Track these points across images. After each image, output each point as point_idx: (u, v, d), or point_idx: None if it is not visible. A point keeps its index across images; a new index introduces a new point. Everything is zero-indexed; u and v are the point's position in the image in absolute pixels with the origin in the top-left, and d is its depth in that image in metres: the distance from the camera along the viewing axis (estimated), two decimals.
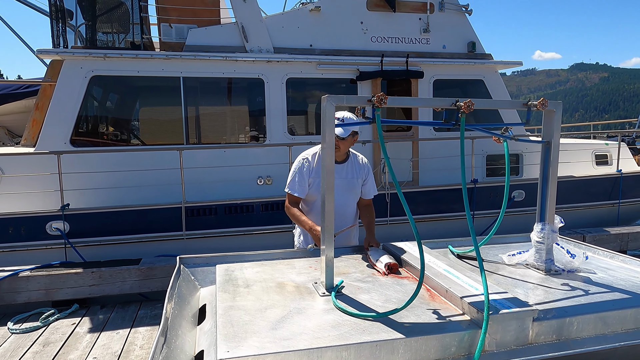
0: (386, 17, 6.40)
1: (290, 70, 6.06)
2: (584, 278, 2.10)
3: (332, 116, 1.82)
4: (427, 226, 6.04)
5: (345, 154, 2.77)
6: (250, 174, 5.85)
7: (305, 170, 2.75)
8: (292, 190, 2.78)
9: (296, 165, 2.80)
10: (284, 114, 6.06)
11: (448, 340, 1.55)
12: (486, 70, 6.75)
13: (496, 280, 2.07)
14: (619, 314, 1.75)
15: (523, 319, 1.62)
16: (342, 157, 2.76)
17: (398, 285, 2.01)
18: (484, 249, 2.64)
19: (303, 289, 1.94)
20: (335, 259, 2.37)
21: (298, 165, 2.79)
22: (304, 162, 2.77)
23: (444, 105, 1.90)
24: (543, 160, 2.17)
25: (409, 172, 6.29)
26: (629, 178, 7.34)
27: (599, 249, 2.61)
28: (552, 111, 2.10)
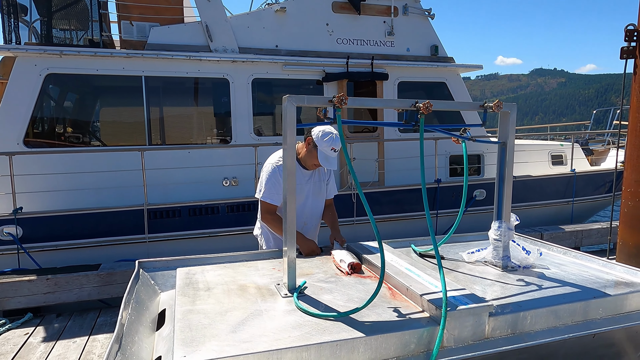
0: (351, 20, 6.46)
1: (255, 70, 6.01)
2: (538, 274, 2.18)
3: (294, 117, 1.82)
4: (393, 226, 6.13)
5: None
6: (216, 175, 5.76)
7: (280, 175, 2.66)
8: (268, 199, 2.63)
9: (269, 172, 2.64)
10: (250, 115, 6.00)
11: (407, 337, 1.57)
12: (448, 73, 6.93)
13: (455, 277, 2.12)
14: (570, 307, 1.83)
15: (480, 315, 1.66)
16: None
17: (360, 284, 2.02)
18: (446, 247, 2.70)
19: (265, 291, 1.92)
20: (299, 260, 2.37)
21: (271, 172, 2.63)
22: (276, 168, 2.63)
23: (404, 106, 1.93)
24: (499, 160, 2.24)
25: (375, 172, 6.37)
26: (582, 177, 7.71)
27: (553, 246, 2.72)
28: (507, 113, 2.17)
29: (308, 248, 2.55)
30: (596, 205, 8.20)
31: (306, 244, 2.57)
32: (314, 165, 2.67)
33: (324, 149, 2.54)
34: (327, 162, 2.56)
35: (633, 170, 3.50)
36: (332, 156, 2.56)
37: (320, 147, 2.55)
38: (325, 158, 2.55)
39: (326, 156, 2.56)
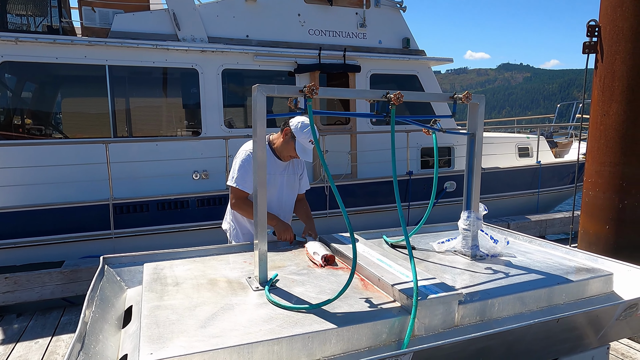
0: (323, 10, 6.41)
1: (226, 61, 5.88)
2: (505, 262, 2.24)
3: (263, 107, 1.78)
4: (366, 217, 6.18)
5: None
6: (186, 169, 5.63)
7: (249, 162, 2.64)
8: (240, 185, 2.59)
9: (243, 159, 2.61)
10: (221, 106, 5.88)
11: (379, 327, 1.58)
12: (420, 66, 7.00)
13: (426, 267, 2.15)
14: (535, 294, 1.89)
15: (449, 303, 1.69)
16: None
17: (333, 276, 2.01)
18: (417, 237, 2.73)
19: (236, 285, 1.89)
20: (271, 253, 2.35)
21: (244, 159, 2.60)
22: (250, 155, 2.57)
23: (375, 97, 1.92)
24: (468, 151, 2.27)
25: (347, 164, 6.39)
26: (547, 169, 7.99)
27: (519, 235, 2.79)
28: (475, 104, 2.20)
29: (284, 228, 2.53)
30: (560, 195, 8.52)
31: (282, 224, 2.57)
32: (289, 156, 2.63)
33: (302, 140, 2.51)
34: (304, 153, 2.53)
35: (593, 162, 3.63)
36: (310, 148, 2.53)
37: (298, 138, 2.52)
38: (303, 150, 2.53)
39: (304, 148, 2.53)
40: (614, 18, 3.41)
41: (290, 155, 2.63)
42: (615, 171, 3.44)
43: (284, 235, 2.53)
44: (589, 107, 3.82)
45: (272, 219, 2.56)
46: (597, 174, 3.59)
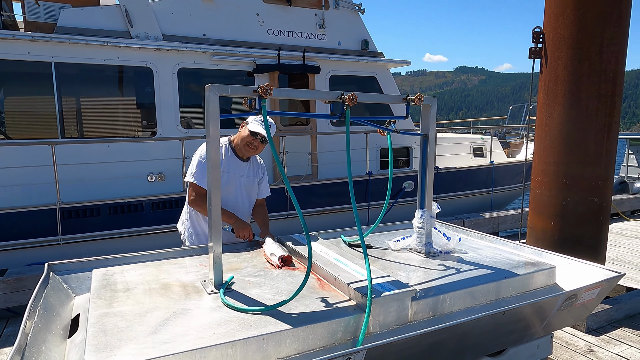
0: (282, 11, 6.39)
1: (182, 59, 5.74)
2: (457, 258, 2.32)
3: (217, 107, 1.75)
4: (327, 218, 6.21)
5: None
6: (140, 171, 5.44)
7: None
8: (199, 182, 2.54)
9: (202, 154, 2.57)
10: (177, 107, 5.73)
11: (334, 326, 1.59)
12: (379, 68, 7.12)
13: (382, 265, 2.19)
14: (484, 288, 1.97)
15: (403, 300, 1.72)
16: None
17: (290, 277, 2.01)
18: (374, 236, 2.77)
19: (190, 288, 1.85)
20: (227, 255, 2.32)
21: (204, 154, 2.56)
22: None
23: (330, 97, 1.94)
24: (422, 151, 2.34)
25: (308, 165, 6.40)
26: (500, 168, 8.35)
27: (471, 231, 2.90)
28: (428, 106, 2.26)
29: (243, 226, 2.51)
30: (512, 193, 8.93)
31: (241, 222, 2.55)
32: (246, 145, 2.57)
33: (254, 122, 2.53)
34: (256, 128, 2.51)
35: (540, 161, 3.83)
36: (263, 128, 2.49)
37: (250, 121, 2.54)
38: (254, 125, 2.51)
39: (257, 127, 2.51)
40: (557, 26, 3.61)
41: (247, 144, 2.56)
42: (558, 170, 3.64)
43: (242, 233, 2.51)
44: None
45: (230, 216, 2.55)
46: (543, 172, 3.78)
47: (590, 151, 3.49)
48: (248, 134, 2.54)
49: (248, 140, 2.56)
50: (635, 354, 2.99)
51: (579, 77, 3.49)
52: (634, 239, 6.07)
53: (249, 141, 2.56)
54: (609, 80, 3.45)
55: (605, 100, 3.46)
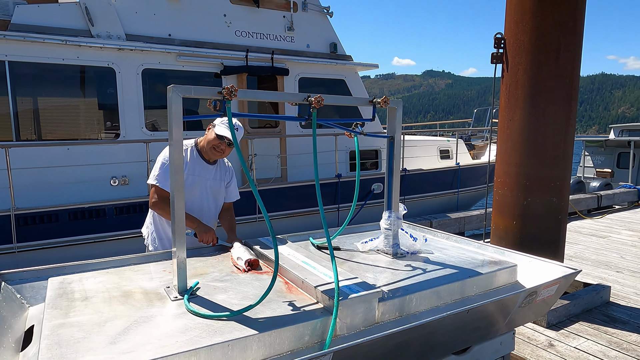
0: (250, 12, 6.35)
1: (146, 60, 5.59)
2: (424, 258, 2.35)
3: (179, 109, 1.71)
4: (297, 220, 6.19)
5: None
6: (103, 174, 5.25)
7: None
8: (162, 184, 2.47)
9: (166, 157, 2.51)
10: (141, 108, 5.58)
11: (302, 330, 1.58)
12: (347, 70, 7.17)
13: (350, 267, 2.19)
14: (449, 287, 2.00)
15: (370, 301, 1.73)
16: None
17: (257, 281, 1.98)
18: (343, 238, 2.78)
19: (153, 295, 1.79)
20: (193, 260, 2.27)
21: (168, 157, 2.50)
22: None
23: (297, 99, 1.93)
24: (388, 153, 2.36)
25: (277, 168, 6.36)
26: (465, 170, 8.57)
27: (437, 232, 2.95)
28: (394, 108, 2.29)
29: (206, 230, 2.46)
30: (478, 194, 9.19)
31: (204, 226, 2.50)
32: (213, 148, 2.52)
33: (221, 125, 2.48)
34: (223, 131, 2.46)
35: (502, 163, 3.95)
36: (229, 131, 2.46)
37: (217, 124, 2.49)
38: (221, 129, 2.46)
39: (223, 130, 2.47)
40: (517, 32, 3.74)
41: (214, 147, 2.52)
42: (520, 171, 3.76)
43: (205, 237, 2.46)
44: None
45: (193, 221, 2.50)
46: (505, 174, 3.90)
47: (548, 153, 3.63)
48: (214, 137, 2.49)
49: (214, 144, 2.52)
50: (592, 346, 3.12)
51: (537, 81, 3.62)
52: (591, 237, 6.36)
53: (215, 144, 2.52)
54: (566, 84, 3.60)
55: (562, 104, 3.61)
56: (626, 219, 7.66)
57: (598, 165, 16.09)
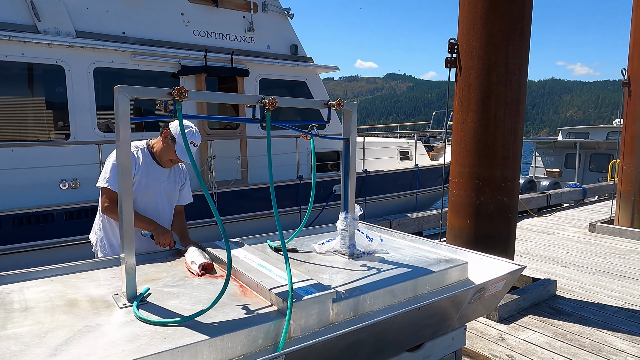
0: (209, 12, 6.24)
1: (98, 58, 5.37)
2: (379, 258, 2.39)
3: (127, 109, 1.66)
4: (258, 223, 6.14)
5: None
6: (51, 177, 4.99)
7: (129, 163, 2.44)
8: (113, 186, 2.39)
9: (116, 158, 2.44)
10: (93, 108, 5.35)
11: (255, 333, 1.57)
12: (308, 72, 7.19)
13: (306, 268, 2.20)
14: (402, 286, 2.05)
15: (324, 302, 1.74)
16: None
17: (211, 285, 1.95)
18: (301, 240, 2.78)
19: (100, 303, 1.73)
20: (145, 265, 2.21)
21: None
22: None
23: (251, 101, 1.92)
24: (344, 155, 2.39)
25: (238, 170, 6.29)
26: (424, 171, 8.80)
27: (393, 232, 3.01)
28: (349, 111, 2.32)
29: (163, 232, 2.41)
30: (436, 194, 9.45)
31: (161, 228, 2.45)
32: (169, 161, 2.52)
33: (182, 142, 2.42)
34: (184, 155, 2.43)
35: (456, 164, 4.08)
36: (192, 150, 2.45)
37: (178, 140, 2.42)
38: (184, 152, 2.43)
39: (184, 150, 2.42)
40: (469, 38, 3.89)
41: (171, 160, 2.51)
42: (472, 172, 3.91)
43: (163, 239, 2.40)
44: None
45: (151, 223, 2.45)
46: (459, 174, 4.04)
47: (498, 154, 3.79)
48: (174, 154, 2.45)
49: (173, 159, 2.50)
50: (539, 338, 3.28)
51: (488, 85, 3.78)
52: (540, 234, 6.69)
53: (174, 159, 2.51)
54: (514, 89, 3.78)
55: (511, 107, 3.78)
56: (572, 216, 8.11)
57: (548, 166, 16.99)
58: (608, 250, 5.74)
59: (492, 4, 3.69)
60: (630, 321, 3.58)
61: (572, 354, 3.05)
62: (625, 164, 6.41)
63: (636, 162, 6.23)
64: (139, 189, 2.49)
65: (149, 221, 2.45)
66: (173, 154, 2.46)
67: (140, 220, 2.46)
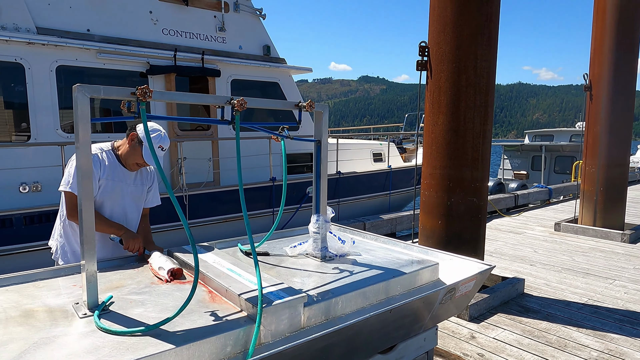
0: (179, 10, 6.11)
1: (61, 56, 5.16)
2: (351, 260, 2.38)
3: (86, 109, 1.58)
4: (230, 226, 6.04)
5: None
6: (10, 180, 4.76)
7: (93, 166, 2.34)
8: (76, 190, 2.26)
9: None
10: (56, 108, 5.14)
11: (223, 340, 1.52)
12: (281, 73, 7.15)
13: (278, 272, 2.16)
14: (374, 288, 2.04)
15: (295, 307, 1.71)
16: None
17: (178, 291, 1.89)
18: (273, 243, 2.74)
19: (59, 313, 1.64)
20: (109, 272, 2.12)
21: None
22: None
23: (219, 102, 1.87)
24: (315, 157, 2.36)
25: (209, 172, 6.17)
26: (397, 172, 8.89)
27: (366, 233, 3.01)
28: (320, 112, 2.30)
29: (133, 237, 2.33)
30: (409, 195, 9.56)
31: (131, 233, 2.36)
32: (135, 164, 2.44)
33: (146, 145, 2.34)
34: (151, 159, 2.35)
35: (428, 166, 4.13)
36: (160, 155, 2.37)
37: (146, 143, 2.34)
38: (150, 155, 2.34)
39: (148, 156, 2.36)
40: (439, 41, 3.94)
41: (137, 163, 2.44)
42: (443, 173, 3.96)
43: (132, 244, 2.31)
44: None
45: (119, 228, 2.38)
46: (431, 176, 4.09)
47: (468, 156, 3.86)
48: (141, 157, 2.37)
49: (139, 162, 2.42)
50: (509, 336, 3.35)
51: (458, 89, 3.84)
52: (509, 233, 6.87)
53: (140, 163, 2.43)
54: (483, 92, 3.85)
55: (480, 110, 3.86)
56: (539, 216, 8.37)
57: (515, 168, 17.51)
58: (572, 248, 5.94)
59: (461, 8, 3.76)
60: (593, 317, 3.71)
61: (539, 351, 3.12)
62: (588, 165, 6.66)
63: (598, 163, 6.49)
64: (105, 193, 2.39)
65: (117, 226, 2.38)
66: (140, 157, 2.38)
67: (109, 225, 2.37)
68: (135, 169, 2.50)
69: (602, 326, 3.53)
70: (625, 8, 6.07)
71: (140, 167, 2.49)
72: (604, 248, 5.93)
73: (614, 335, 3.36)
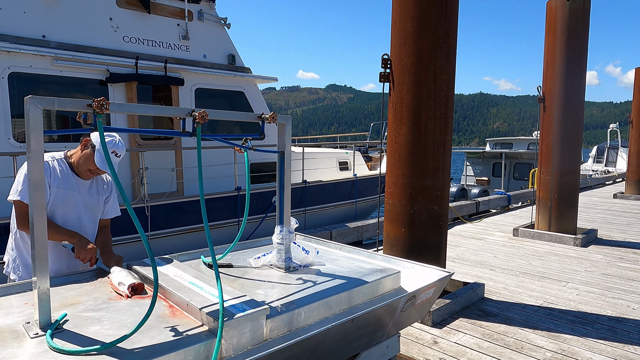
0: (140, 18, 5.99)
1: (13, 62, 4.95)
2: (315, 271, 2.40)
3: (39, 121, 1.54)
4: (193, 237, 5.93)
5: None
6: None
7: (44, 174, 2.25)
8: (26, 199, 2.18)
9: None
10: (7, 116, 4.91)
11: (183, 356, 1.50)
12: (246, 82, 7.13)
13: (241, 284, 2.15)
14: (337, 298, 2.06)
15: (257, 319, 1.71)
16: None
17: (138, 307, 1.84)
18: (237, 254, 2.72)
19: (8, 334, 1.57)
20: (65, 288, 2.05)
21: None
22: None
23: (180, 114, 1.86)
24: (279, 168, 2.38)
25: (172, 181, 6.05)
26: (363, 181, 9.00)
27: (330, 243, 3.04)
28: (283, 124, 2.32)
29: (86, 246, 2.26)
30: (374, 204, 9.70)
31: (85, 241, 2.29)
32: (88, 171, 2.35)
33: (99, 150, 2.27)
34: (105, 165, 2.28)
35: (391, 174, 4.23)
36: (114, 161, 2.31)
37: (99, 148, 2.28)
38: (103, 161, 2.27)
39: (104, 159, 2.28)
40: (401, 54, 4.06)
41: (90, 170, 2.35)
42: (406, 182, 4.06)
43: (84, 254, 2.24)
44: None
45: (73, 236, 2.30)
46: (394, 184, 4.18)
47: (429, 165, 3.98)
48: (93, 163, 2.31)
49: (92, 169, 2.35)
50: (469, 340, 3.46)
51: (419, 100, 3.96)
52: (471, 239, 7.09)
53: (93, 170, 2.36)
54: (442, 103, 3.99)
55: (440, 121, 3.99)
56: (499, 221, 8.69)
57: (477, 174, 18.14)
58: (529, 252, 6.20)
59: (420, 23, 3.89)
60: (548, 319, 3.88)
61: (498, 353, 3.23)
62: (542, 173, 6.99)
63: (552, 171, 6.83)
64: (57, 201, 2.31)
65: (71, 233, 2.30)
66: (92, 163, 2.31)
67: (62, 233, 2.28)
68: (89, 177, 2.42)
69: (555, 327, 3.70)
70: (573, 27, 6.46)
71: (94, 174, 2.41)
72: (558, 252, 6.23)
73: (566, 336, 3.53)
